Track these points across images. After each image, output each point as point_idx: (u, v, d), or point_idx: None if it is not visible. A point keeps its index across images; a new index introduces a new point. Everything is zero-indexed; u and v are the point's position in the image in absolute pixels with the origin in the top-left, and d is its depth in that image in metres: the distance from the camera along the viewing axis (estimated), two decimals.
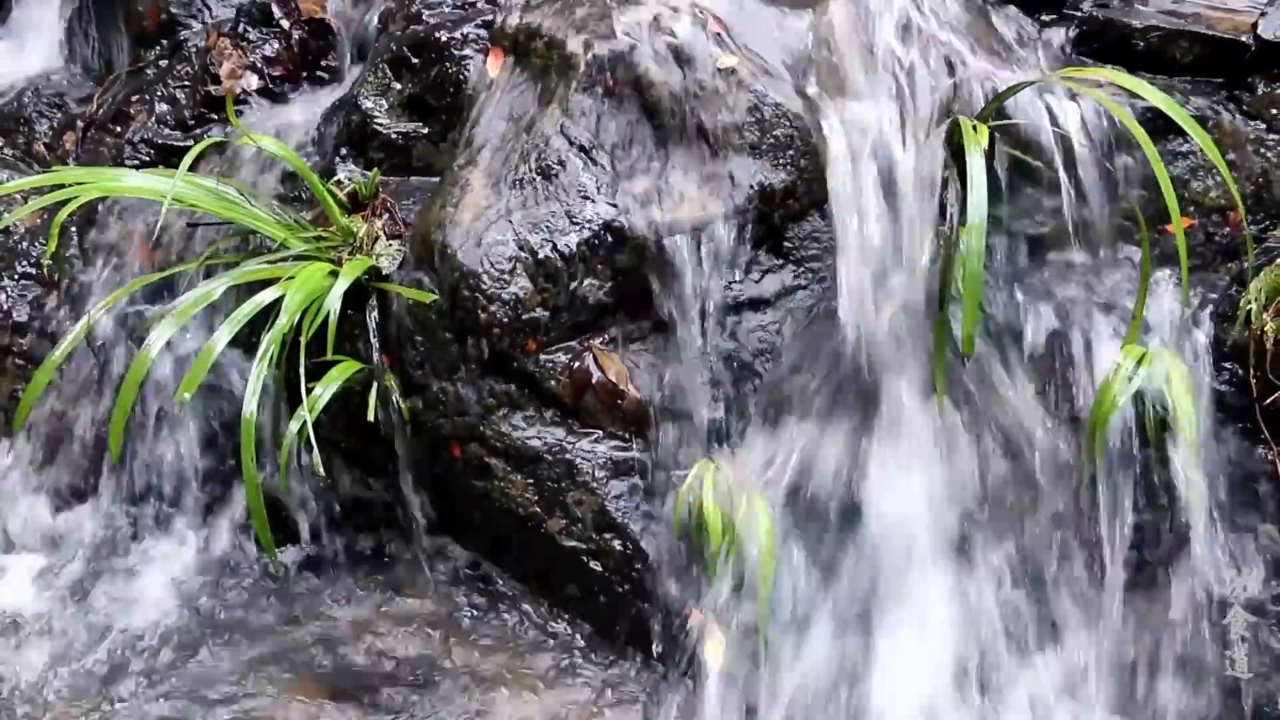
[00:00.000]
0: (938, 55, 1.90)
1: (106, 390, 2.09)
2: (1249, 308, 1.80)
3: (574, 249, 1.73)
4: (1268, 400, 1.74)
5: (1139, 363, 1.74)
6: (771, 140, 1.82)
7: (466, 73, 1.98)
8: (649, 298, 1.77)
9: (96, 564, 2.03)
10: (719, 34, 1.86)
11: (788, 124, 1.83)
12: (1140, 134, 1.68)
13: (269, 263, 1.86)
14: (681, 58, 1.82)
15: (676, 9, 1.87)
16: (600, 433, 1.77)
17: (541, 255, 1.72)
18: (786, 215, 1.83)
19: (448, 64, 1.99)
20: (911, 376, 1.79)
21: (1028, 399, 1.80)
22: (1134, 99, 1.79)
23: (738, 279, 1.81)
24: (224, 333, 1.79)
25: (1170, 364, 1.75)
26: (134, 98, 2.32)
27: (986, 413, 1.78)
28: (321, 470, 1.76)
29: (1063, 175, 1.81)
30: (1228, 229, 1.91)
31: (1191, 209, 1.91)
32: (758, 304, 1.83)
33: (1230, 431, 1.79)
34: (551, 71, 1.85)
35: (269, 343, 1.74)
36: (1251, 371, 1.77)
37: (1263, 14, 1.92)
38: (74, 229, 2.18)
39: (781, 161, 1.82)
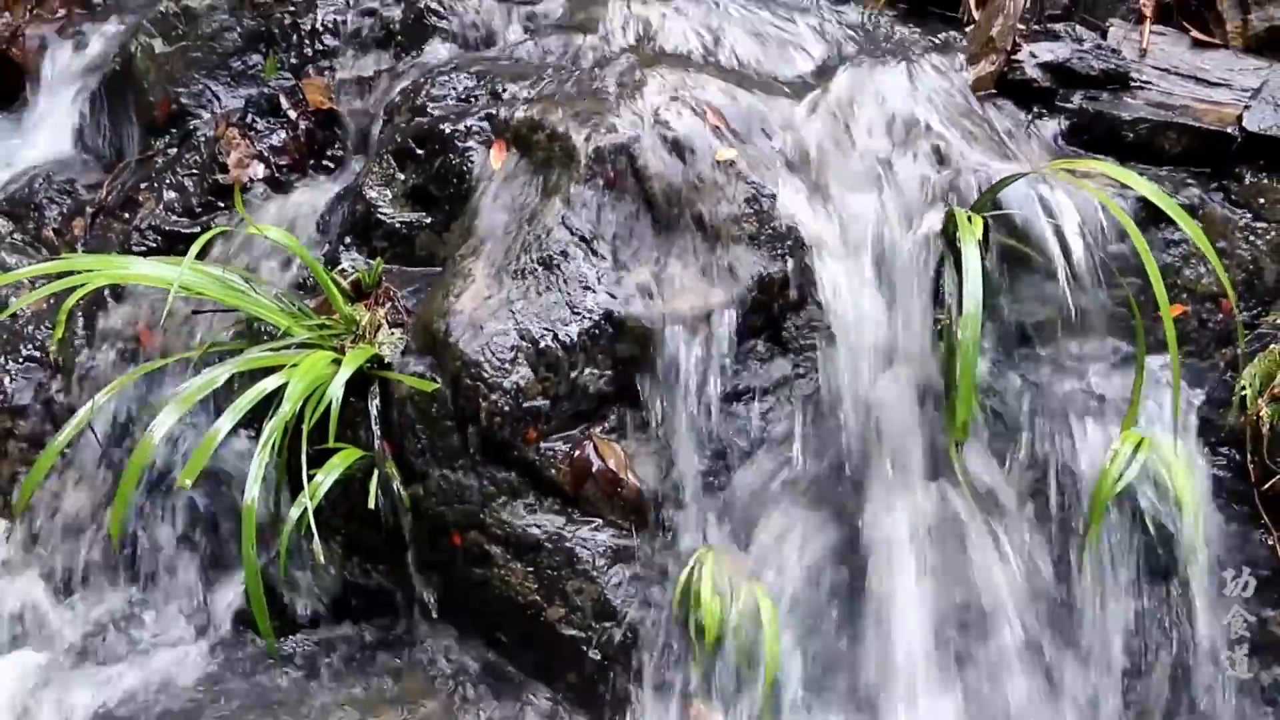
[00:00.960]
0: (932, 147, 1.95)
1: (108, 474, 2.09)
2: (1244, 393, 1.82)
3: (575, 339, 1.74)
4: (1266, 485, 1.75)
5: (1137, 448, 1.75)
6: (769, 231, 1.84)
7: (470, 164, 2.00)
8: (649, 387, 1.78)
9: (91, 647, 2.01)
10: (717, 126, 1.90)
11: (785, 215, 1.85)
12: (1130, 225, 1.71)
13: (272, 350, 1.87)
14: (681, 150, 1.86)
15: (676, 101, 1.91)
16: (600, 521, 1.77)
17: (543, 345, 1.73)
18: (785, 304, 1.85)
19: (451, 155, 2.01)
20: (908, 463, 1.80)
21: (1024, 484, 1.81)
22: (1125, 189, 1.82)
23: (737, 367, 1.82)
24: (227, 419, 1.79)
25: (1168, 449, 1.76)
26: (143, 185, 2.35)
27: (984, 499, 1.79)
28: (321, 558, 1.76)
29: (1058, 264, 1.83)
30: (1220, 315, 1.93)
31: (1184, 296, 1.93)
32: (757, 392, 1.84)
33: (1229, 516, 1.79)
34: (553, 163, 1.89)
35: (271, 430, 1.75)
36: (1249, 456, 1.79)
37: (1246, 107, 1.96)
38: (80, 313, 2.18)
39: (780, 252, 1.84)
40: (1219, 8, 2.12)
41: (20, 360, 2.21)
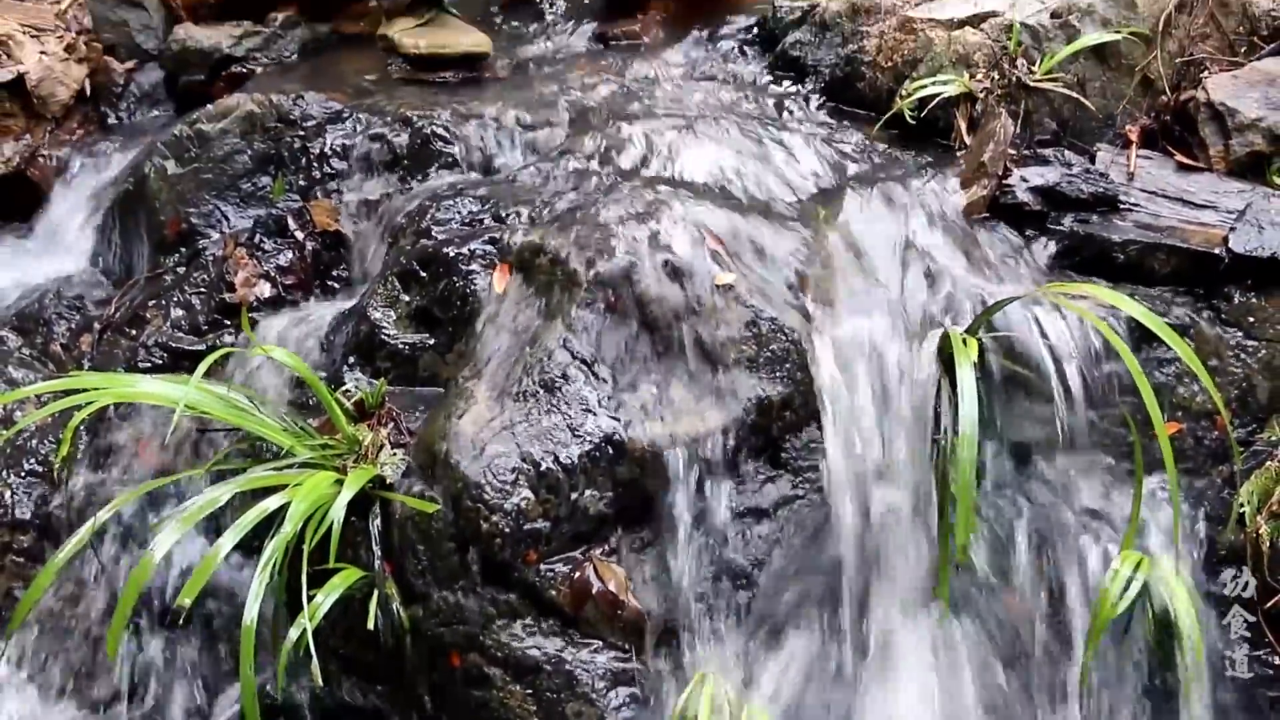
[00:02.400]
0: (928, 269, 1.98)
1: (107, 591, 2.08)
2: (1243, 510, 1.82)
3: (575, 461, 1.74)
4: (1269, 603, 1.74)
5: (1136, 568, 1.74)
6: (768, 354, 1.86)
7: (473, 287, 2.02)
8: (649, 508, 1.78)
9: None
10: (716, 251, 1.93)
11: (784, 338, 1.87)
12: (1122, 347, 1.74)
13: (275, 469, 1.87)
14: (680, 274, 1.88)
15: (675, 226, 1.95)
16: (600, 643, 1.75)
17: (544, 467, 1.73)
18: (784, 426, 1.86)
19: (455, 278, 2.04)
20: (907, 584, 1.80)
21: (1022, 606, 1.80)
22: (1117, 310, 1.84)
23: (736, 489, 1.82)
24: (228, 538, 1.78)
25: (1167, 568, 1.76)
26: (151, 302, 2.37)
27: (981, 621, 1.78)
28: (320, 680, 1.74)
29: (1053, 384, 1.86)
30: (1216, 433, 1.94)
31: (1179, 414, 1.94)
32: (756, 514, 1.83)
33: (1231, 635, 1.78)
34: (555, 287, 1.91)
35: (272, 551, 1.74)
36: (1250, 574, 1.78)
37: (1232, 229, 2.00)
38: (83, 428, 2.18)
39: (778, 374, 1.86)
40: (1201, 133, 2.18)
41: (23, 474, 2.20)
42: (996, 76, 2.33)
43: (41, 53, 2.86)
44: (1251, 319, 1.98)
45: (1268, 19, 2.26)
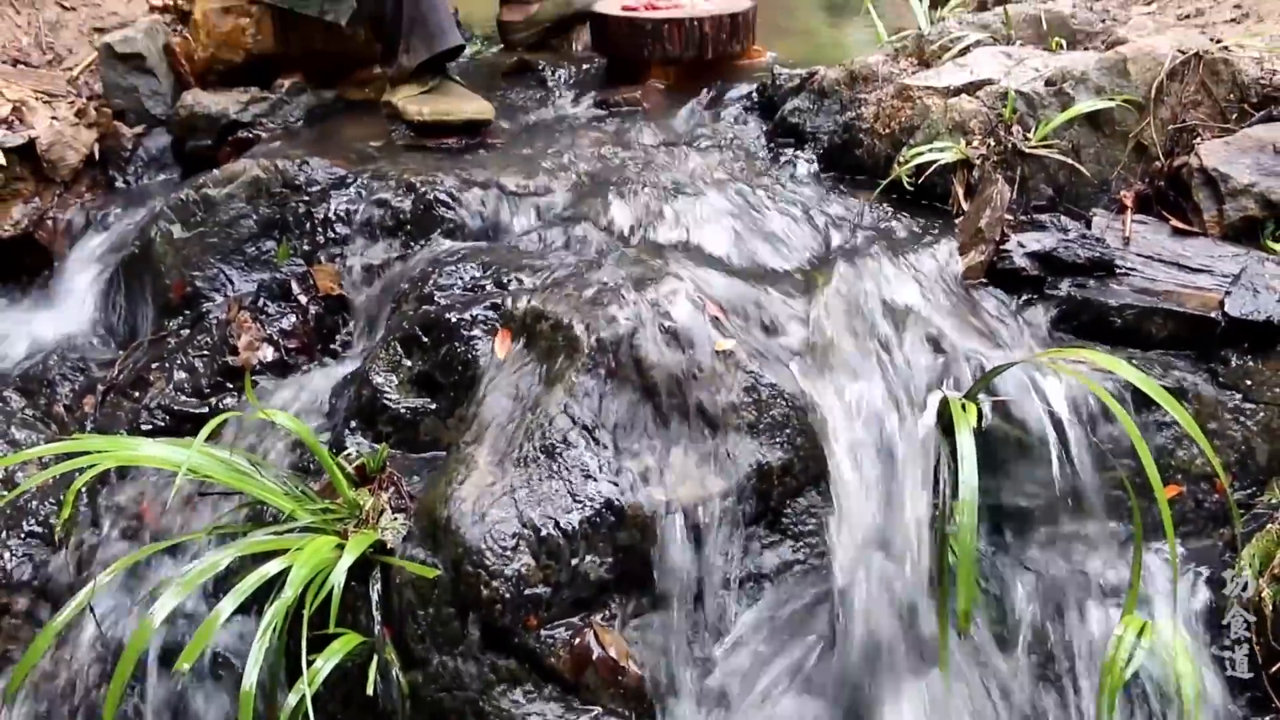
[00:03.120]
0: (927, 335, 1.99)
1: (105, 654, 2.06)
2: (1245, 574, 1.81)
3: (576, 527, 1.74)
4: (1273, 668, 1.73)
5: (1140, 634, 1.73)
6: (768, 420, 1.87)
7: (475, 352, 2.02)
8: (649, 574, 1.77)
9: None
10: (717, 317, 1.94)
11: (784, 404, 1.88)
12: (1121, 412, 1.73)
13: (276, 534, 1.87)
14: (681, 340, 1.89)
15: (676, 292, 1.96)
16: (600, 709, 1.74)
17: (544, 533, 1.73)
18: (784, 492, 1.86)
19: (457, 343, 2.04)
20: (910, 651, 1.79)
21: (1025, 675, 1.79)
22: (1115, 374, 1.84)
23: (737, 555, 1.82)
24: (228, 603, 1.77)
25: (1170, 634, 1.75)
26: (154, 365, 2.37)
27: (983, 688, 1.77)
28: None
29: (1052, 449, 1.87)
30: (1216, 495, 1.94)
31: (1179, 476, 1.94)
32: (757, 579, 1.84)
33: (1237, 701, 1.76)
34: (556, 353, 1.92)
35: (272, 616, 1.74)
36: (1254, 638, 1.77)
37: (1228, 293, 2.01)
38: (84, 490, 2.16)
39: (778, 440, 1.87)
40: (1195, 198, 2.20)
41: (22, 536, 2.18)
42: (993, 143, 2.36)
43: (53, 118, 2.89)
44: (1249, 382, 1.98)
45: (1256, 87, 2.28)
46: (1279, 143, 2.17)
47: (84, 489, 2.17)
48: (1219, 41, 2.39)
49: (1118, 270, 2.11)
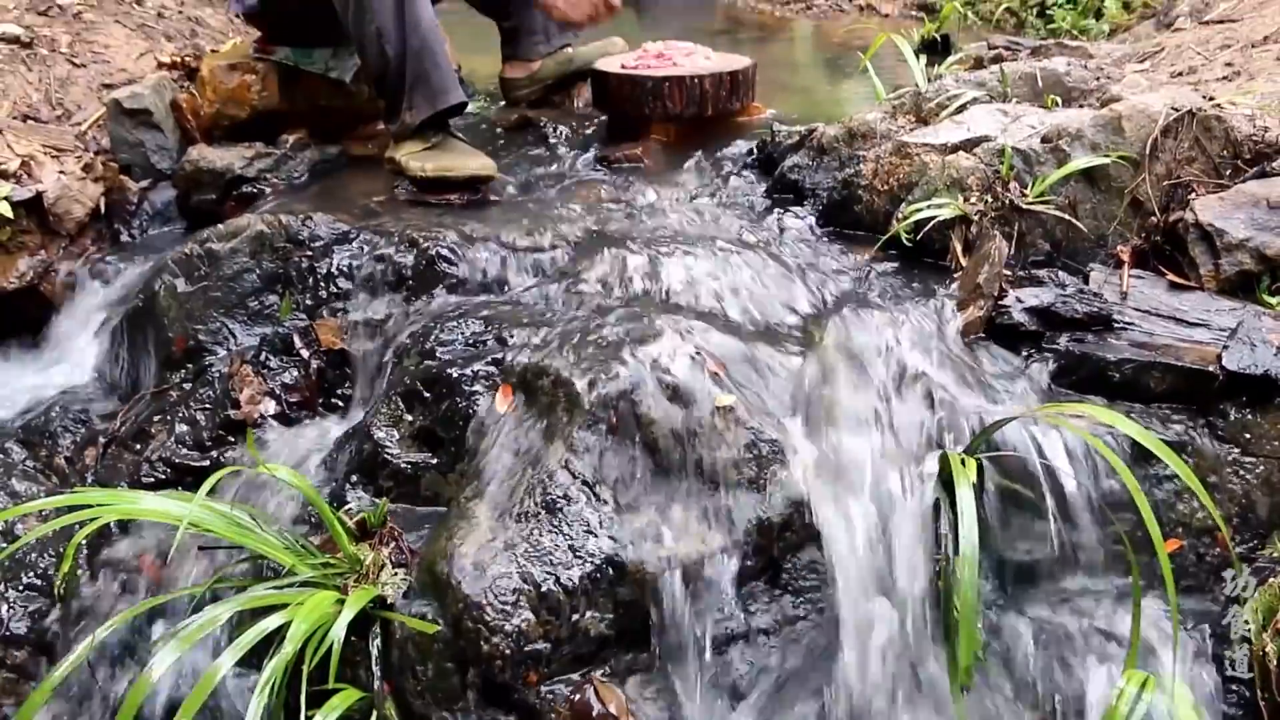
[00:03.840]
0: (926, 390, 1.99)
1: (102, 710, 2.05)
2: (1248, 628, 1.81)
3: (576, 582, 1.74)
4: None
5: (1142, 688, 1.72)
6: (769, 475, 1.87)
7: (476, 407, 2.03)
8: (650, 630, 1.77)
9: None
10: (716, 373, 1.95)
11: (784, 459, 1.88)
12: (1120, 466, 1.73)
13: (276, 588, 1.86)
14: (680, 397, 1.90)
15: (675, 348, 1.97)
16: None
17: (545, 588, 1.73)
18: (784, 547, 1.86)
19: (458, 399, 2.05)
20: (913, 705, 1.77)
21: None
22: (1115, 428, 1.84)
23: (737, 611, 1.81)
24: (227, 657, 1.76)
25: (1173, 688, 1.73)
26: (156, 417, 2.37)
27: None
28: None
29: (1051, 503, 1.86)
30: (1217, 549, 1.93)
31: (1180, 530, 1.94)
32: (758, 635, 1.82)
33: None
34: (557, 408, 1.92)
35: (272, 671, 1.73)
36: (1259, 693, 1.76)
37: (1225, 347, 2.01)
38: (83, 543, 2.15)
39: (779, 496, 1.86)
40: (1191, 253, 2.20)
41: (20, 588, 2.17)
42: (990, 199, 2.38)
43: (60, 172, 2.93)
44: (1248, 435, 1.98)
45: (1249, 143, 2.31)
46: (1273, 198, 2.18)
47: (84, 542, 2.16)
48: (1211, 99, 2.42)
49: (1116, 325, 2.11)
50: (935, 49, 4.55)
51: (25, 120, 3.20)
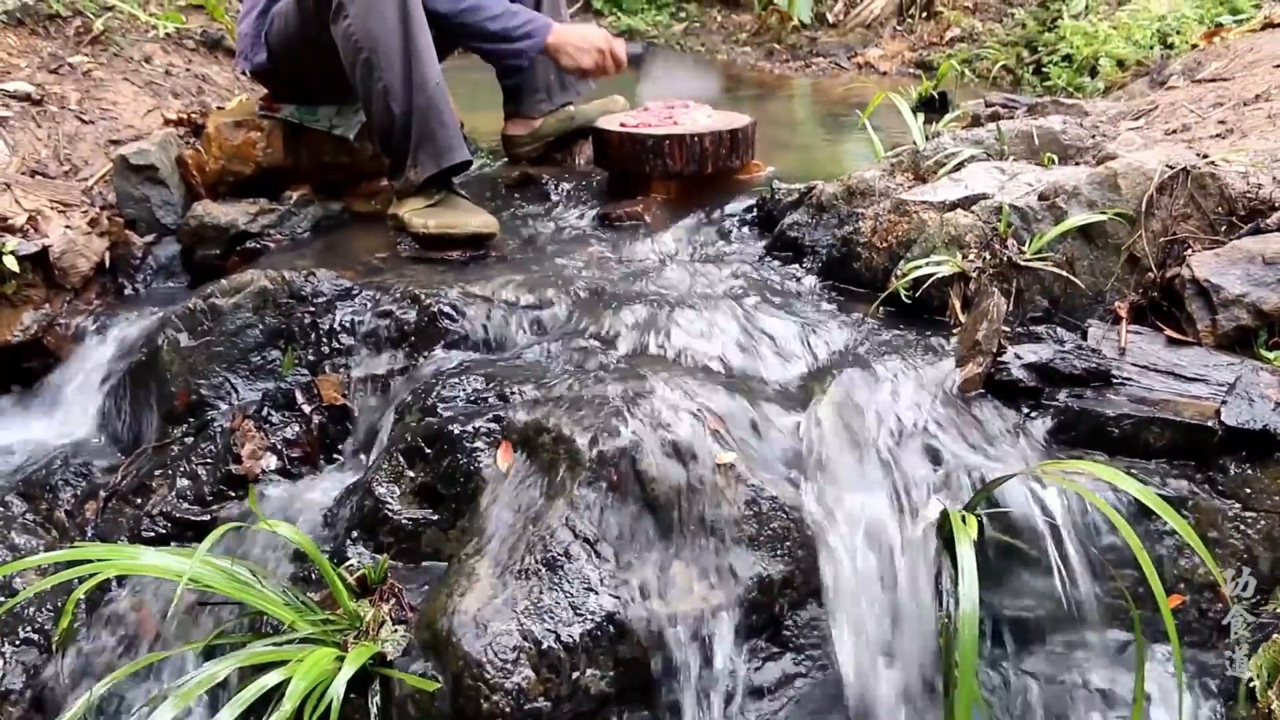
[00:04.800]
0: (926, 447, 2.00)
1: None
2: (1252, 685, 1.80)
3: (577, 640, 1.73)
4: None
5: None
6: (769, 532, 1.87)
7: (477, 464, 2.03)
8: (651, 688, 1.76)
9: None
10: (717, 430, 1.96)
11: (784, 516, 1.89)
12: (1121, 523, 1.73)
13: (275, 645, 1.86)
14: (681, 454, 1.90)
15: (676, 405, 1.98)
16: None
17: (545, 646, 1.72)
18: (786, 604, 1.85)
19: (459, 455, 2.05)
20: None
21: None
22: (1114, 485, 1.84)
23: (738, 668, 1.80)
24: (227, 715, 1.75)
25: None
26: (157, 472, 2.37)
27: None
28: None
29: (1053, 559, 1.86)
30: (1220, 605, 1.93)
31: (1182, 585, 1.93)
32: (759, 692, 1.82)
33: None
34: (558, 465, 1.93)
35: None
36: None
37: (1224, 402, 2.01)
38: (82, 597, 2.12)
39: (780, 553, 1.87)
40: (1189, 309, 2.21)
41: (17, 643, 2.16)
42: (988, 256, 2.39)
43: (66, 227, 2.95)
44: (1248, 490, 1.98)
45: (1243, 200, 2.32)
46: (1268, 254, 2.19)
47: (82, 597, 2.15)
48: (1205, 156, 2.44)
49: (1114, 380, 2.11)
50: (933, 106, 4.60)
51: (33, 175, 3.23)
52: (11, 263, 2.78)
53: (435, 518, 2.06)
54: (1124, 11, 5.29)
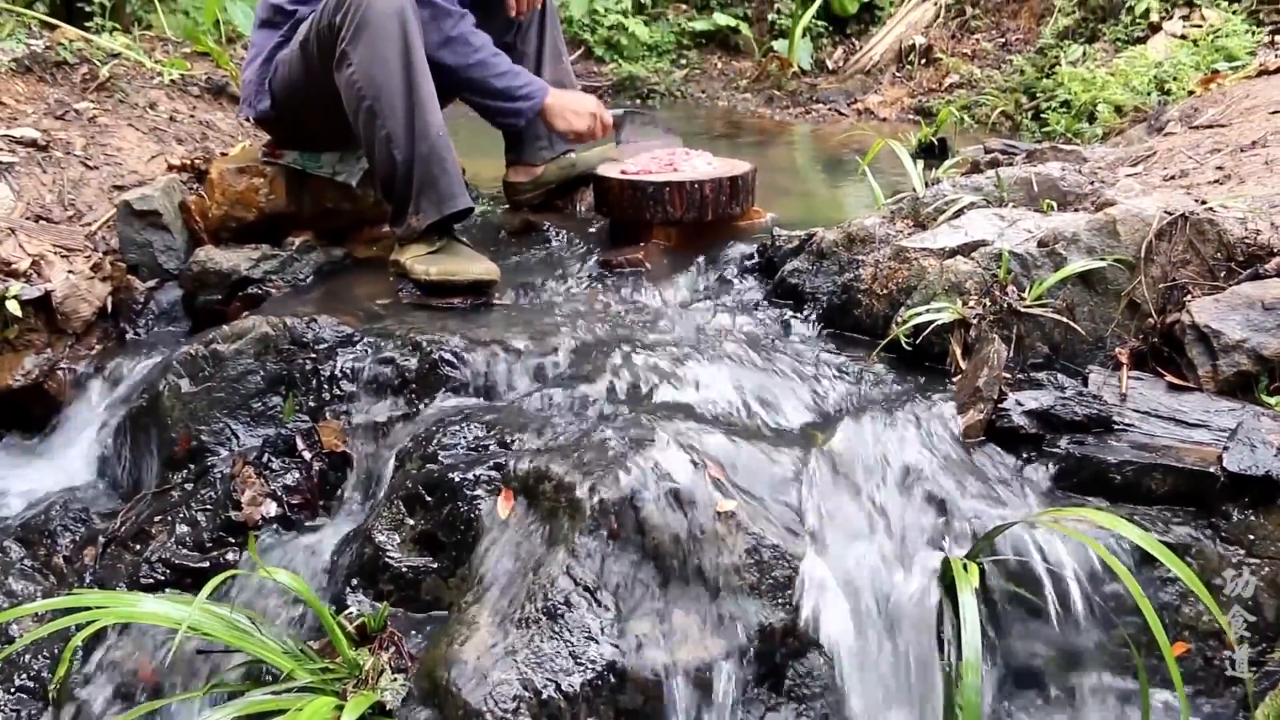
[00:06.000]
0: (928, 494, 2.00)
1: None
2: None
3: (577, 689, 1.72)
4: None
5: None
6: (771, 581, 1.86)
7: (478, 512, 2.03)
8: None
9: None
10: (718, 478, 1.95)
11: (786, 565, 1.88)
12: (1124, 572, 1.73)
13: (274, 693, 1.85)
14: (682, 502, 1.90)
15: (677, 453, 1.97)
16: None
17: (545, 695, 1.71)
18: (787, 653, 1.84)
19: (460, 503, 2.05)
20: None
21: None
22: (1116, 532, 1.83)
23: (740, 718, 1.79)
24: None
25: None
26: (156, 518, 2.36)
27: None
28: None
29: (1056, 607, 1.86)
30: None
31: (1186, 633, 1.92)
32: None
33: None
34: (559, 513, 1.92)
35: None
36: None
37: (1225, 448, 2.01)
38: (80, 644, 2.12)
39: (781, 601, 1.85)
40: (1189, 354, 2.22)
41: (13, 690, 2.14)
42: (988, 303, 2.41)
43: (69, 271, 2.96)
44: (1252, 536, 1.97)
45: (1242, 245, 2.34)
46: (1267, 299, 2.20)
47: (79, 644, 2.14)
48: (1204, 202, 2.45)
49: (1116, 426, 2.11)
50: (933, 152, 4.63)
51: (38, 220, 3.25)
52: (14, 307, 2.78)
53: (435, 565, 2.05)
54: (1121, 58, 5.34)
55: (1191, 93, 4.47)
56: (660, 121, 3.50)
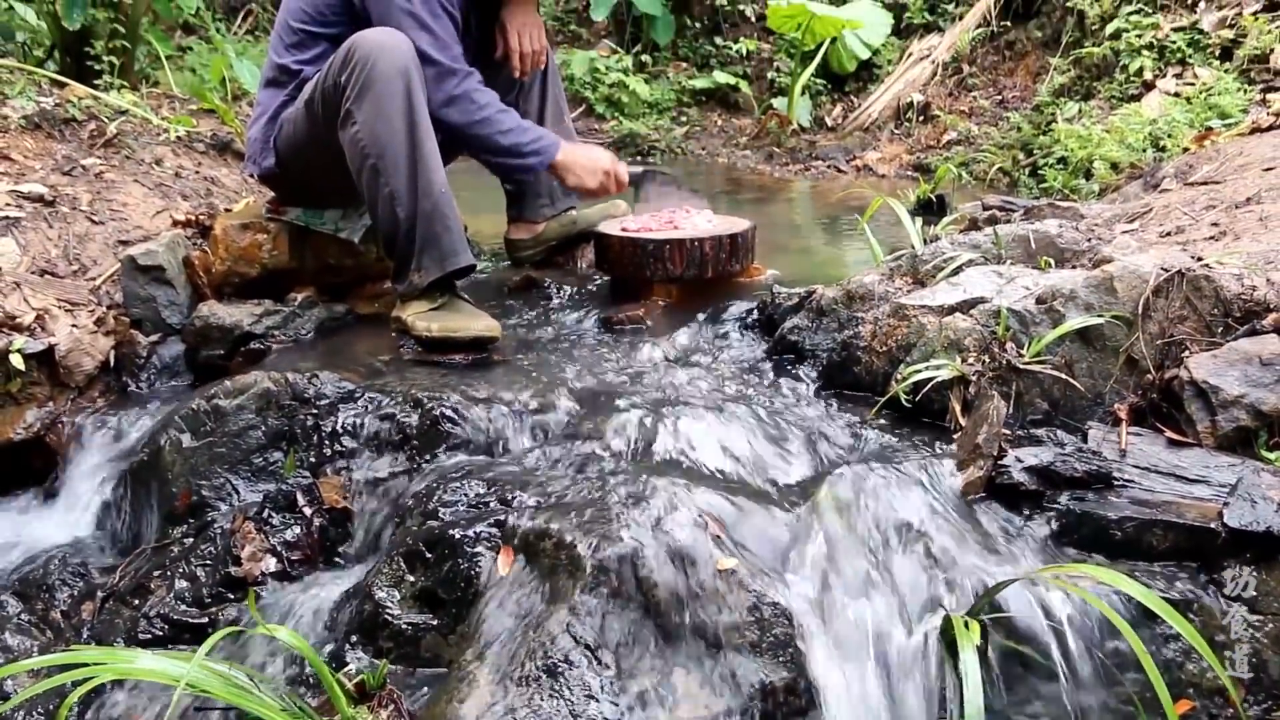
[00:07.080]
0: (928, 550, 1.99)
1: None
2: None
3: None
4: None
5: None
6: (771, 639, 1.85)
7: (478, 569, 2.03)
8: None
9: None
10: (718, 535, 1.95)
11: (787, 623, 1.87)
12: (1125, 628, 1.72)
13: None
14: (683, 559, 1.89)
15: (677, 510, 1.97)
16: None
17: None
18: (788, 712, 1.82)
19: (460, 560, 2.04)
20: None
21: None
22: (1117, 589, 1.82)
23: None
24: None
25: None
26: (156, 573, 2.35)
27: None
28: None
29: (1058, 665, 1.84)
30: (1230, 710, 1.90)
31: (1190, 691, 1.90)
32: None
33: None
34: (559, 571, 1.91)
35: None
36: None
37: (1226, 504, 2.00)
38: (76, 700, 2.10)
39: (782, 659, 1.84)
40: (1188, 410, 2.21)
41: None
42: (987, 360, 2.41)
43: (73, 325, 2.98)
44: (1255, 593, 1.96)
45: (1239, 302, 2.35)
46: (1265, 355, 2.20)
47: (77, 701, 2.12)
48: (1200, 259, 2.47)
49: (1116, 482, 2.11)
50: (931, 209, 4.66)
51: (43, 274, 3.27)
52: (18, 361, 2.80)
53: (435, 622, 2.04)
54: (1117, 115, 5.40)
55: (1186, 149, 4.52)
56: (682, 181, 3.52)
